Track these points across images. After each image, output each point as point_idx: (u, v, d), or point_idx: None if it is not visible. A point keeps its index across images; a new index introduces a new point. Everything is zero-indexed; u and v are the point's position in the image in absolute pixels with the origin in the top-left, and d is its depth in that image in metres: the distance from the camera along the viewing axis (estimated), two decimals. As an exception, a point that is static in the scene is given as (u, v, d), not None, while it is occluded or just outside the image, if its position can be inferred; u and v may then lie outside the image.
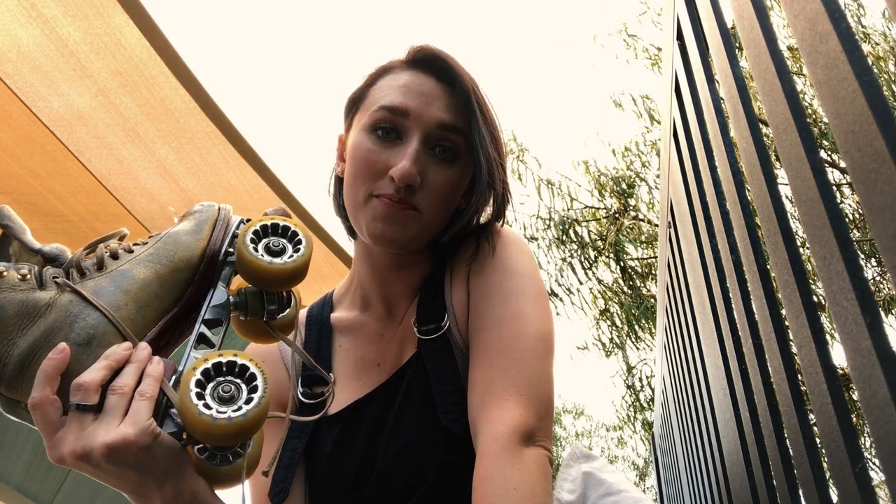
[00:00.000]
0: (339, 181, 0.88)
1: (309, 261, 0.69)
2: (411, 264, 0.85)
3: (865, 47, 5.63)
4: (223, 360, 0.61)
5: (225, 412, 0.58)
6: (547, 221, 6.93)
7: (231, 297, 0.70)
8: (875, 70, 5.51)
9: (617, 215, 6.82)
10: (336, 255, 2.48)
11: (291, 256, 0.68)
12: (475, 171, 0.80)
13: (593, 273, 6.96)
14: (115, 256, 0.68)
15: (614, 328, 7.15)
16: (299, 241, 0.70)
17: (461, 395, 0.75)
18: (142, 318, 0.65)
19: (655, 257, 6.36)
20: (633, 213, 6.86)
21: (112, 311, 0.63)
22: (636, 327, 6.86)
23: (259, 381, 0.60)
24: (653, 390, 6.99)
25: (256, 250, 0.68)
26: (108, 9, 1.56)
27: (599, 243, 6.84)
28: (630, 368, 7.82)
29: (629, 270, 6.81)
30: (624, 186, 6.85)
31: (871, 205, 0.30)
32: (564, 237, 6.82)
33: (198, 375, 0.59)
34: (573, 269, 6.88)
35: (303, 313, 0.92)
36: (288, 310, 0.73)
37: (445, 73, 0.80)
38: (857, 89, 0.30)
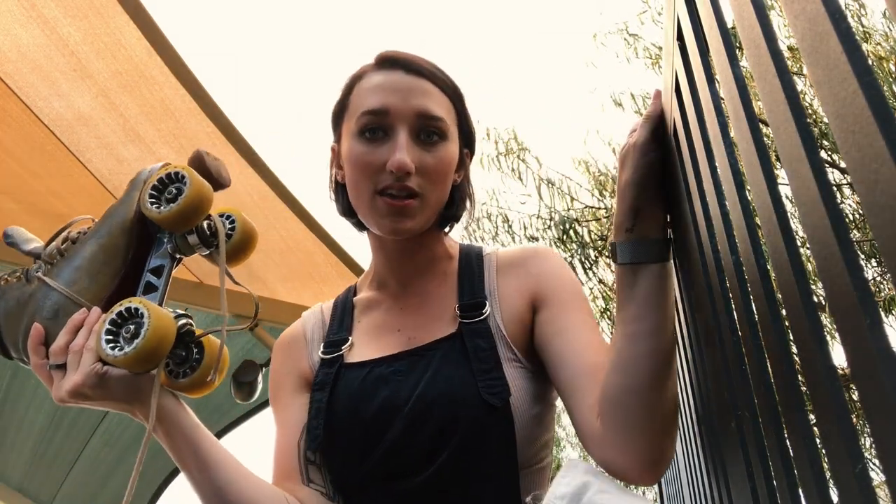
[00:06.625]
0: (337, 186, 0.98)
1: (196, 198, 0.80)
2: (419, 246, 0.95)
3: (866, 47, 5.63)
4: (122, 307, 0.76)
5: (123, 349, 0.74)
6: (547, 221, 6.93)
7: (169, 245, 0.83)
8: (875, 70, 5.51)
9: (617, 215, 6.81)
10: (336, 256, 2.47)
11: (176, 200, 0.80)
12: (461, 138, 0.93)
13: (594, 273, 6.96)
14: (73, 241, 0.84)
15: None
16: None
17: (499, 372, 0.84)
18: (97, 285, 0.82)
19: (656, 257, 6.33)
20: (633, 213, 6.85)
21: (68, 286, 0.81)
22: (636, 327, 6.84)
23: (145, 318, 0.74)
24: (653, 390, 6.97)
25: (156, 201, 0.81)
26: (108, 9, 1.56)
27: (600, 243, 6.84)
28: (630, 368, 7.81)
29: (629, 270, 6.79)
30: (624, 186, 6.84)
31: (871, 205, 0.30)
32: (565, 237, 6.83)
33: (107, 325, 0.76)
34: (573, 269, 6.88)
35: (329, 304, 1.06)
36: (229, 240, 0.86)
37: (410, 66, 0.89)
38: (857, 89, 0.30)
